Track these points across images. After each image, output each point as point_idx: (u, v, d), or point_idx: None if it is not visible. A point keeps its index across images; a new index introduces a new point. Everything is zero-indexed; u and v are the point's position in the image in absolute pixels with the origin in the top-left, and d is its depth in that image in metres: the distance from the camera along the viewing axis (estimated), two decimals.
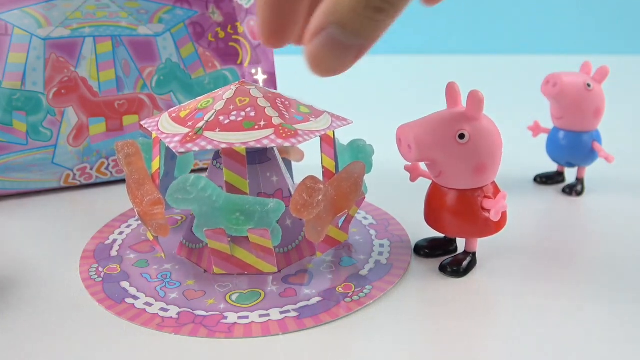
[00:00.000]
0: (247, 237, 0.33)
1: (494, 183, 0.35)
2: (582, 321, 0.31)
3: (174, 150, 0.31)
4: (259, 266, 0.34)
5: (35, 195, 0.48)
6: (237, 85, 0.34)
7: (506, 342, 0.29)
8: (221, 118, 0.32)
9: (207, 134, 0.31)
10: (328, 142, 0.35)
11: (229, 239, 0.33)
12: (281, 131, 0.31)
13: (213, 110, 0.32)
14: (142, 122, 0.35)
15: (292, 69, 0.60)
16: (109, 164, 0.49)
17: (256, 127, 0.31)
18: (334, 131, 0.36)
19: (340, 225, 0.36)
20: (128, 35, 0.48)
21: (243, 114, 0.32)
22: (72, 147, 0.47)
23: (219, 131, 0.31)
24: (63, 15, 0.46)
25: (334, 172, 0.35)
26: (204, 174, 0.36)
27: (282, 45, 0.28)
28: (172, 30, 0.49)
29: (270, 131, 0.31)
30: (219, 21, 0.51)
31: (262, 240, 0.32)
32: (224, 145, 0.30)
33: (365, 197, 0.36)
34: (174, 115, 0.34)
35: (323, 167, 0.35)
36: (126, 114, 0.48)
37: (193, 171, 0.51)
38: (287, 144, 0.30)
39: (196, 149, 0.30)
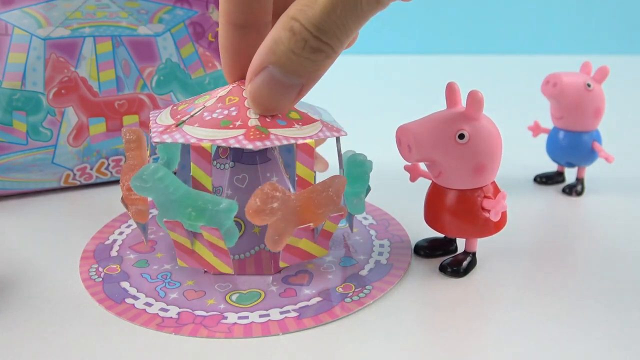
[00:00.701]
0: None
1: (494, 183, 0.35)
2: (582, 321, 0.31)
3: (151, 140, 0.32)
4: (217, 265, 0.34)
5: (35, 195, 0.48)
6: (234, 85, 0.34)
7: (506, 342, 0.29)
8: (205, 114, 0.32)
9: (185, 127, 0.31)
10: (305, 151, 0.34)
11: (190, 233, 0.33)
12: (251, 133, 0.30)
13: (202, 106, 0.33)
14: (151, 113, 0.36)
15: None
16: (109, 164, 0.49)
17: (231, 126, 0.31)
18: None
19: (315, 239, 0.35)
20: (128, 35, 0.48)
21: (226, 112, 0.32)
22: (72, 147, 0.47)
23: (197, 126, 0.31)
24: (63, 15, 0.46)
25: (313, 182, 0.35)
26: None
27: None
28: (172, 30, 0.49)
29: (241, 132, 0.31)
30: None
31: (216, 240, 0.32)
32: (193, 140, 0.30)
33: (343, 214, 0.34)
34: (174, 108, 0.34)
35: (297, 175, 0.34)
36: (126, 114, 0.48)
37: None
38: (249, 146, 0.30)
39: (169, 140, 0.31)
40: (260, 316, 0.31)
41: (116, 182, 0.50)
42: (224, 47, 0.30)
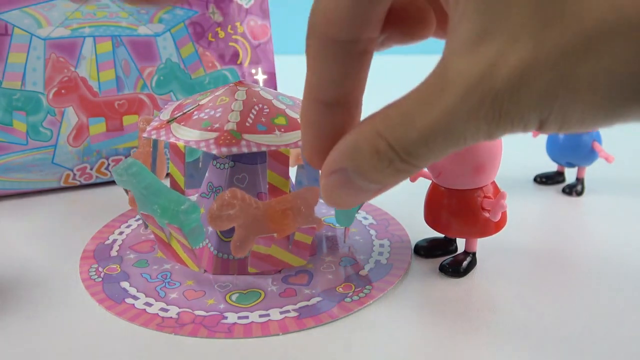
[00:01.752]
0: None
1: (494, 183, 0.35)
2: (581, 321, 0.31)
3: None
4: (187, 262, 0.34)
5: (35, 195, 0.48)
6: (231, 85, 0.34)
7: (506, 342, 0.29)
8: (195, 113, 0.33)
9: (173, 125, 0.32)
10: (278, 159, 0.34)
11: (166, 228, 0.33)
12: (222, 138, 0.30)
13: (195, 104, 0.33)
14: (165, 105, 0.37)
15: (292, 68, 0.60)
16: (108, 164, 0.49)
17: (209, 128, 0.31)
18: None
19: (290, 248, 0.35)
20: (128, 35, 0.48)
21: (212, 113, 0.32)
22: (72, 147, 0.47)
23: (182, 125, 0.32)
24: (63, 15, 0.46)
25: (287, 191, 0.34)
26: (206, 173, 0.36)
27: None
28: (172, 30, 0.49)
29: (214, 135, 0.31)
30: (219, 21, 0.51)
31: (181, 238, 0.32)
32: (172, 139, 0.31)
33: (316, 227, 0.33)
34: (180, 103, 0.35)
35: (269, 183, 0.34)
36: (126, 114, 0.48)
37: None
38: (214, 151, 0.30)
39: (155, 137, 0.32)
40: (260, 316, 0.31)
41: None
42: (307, 124, 0.25)
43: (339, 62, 0.23)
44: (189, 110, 0.33)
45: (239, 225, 0.31)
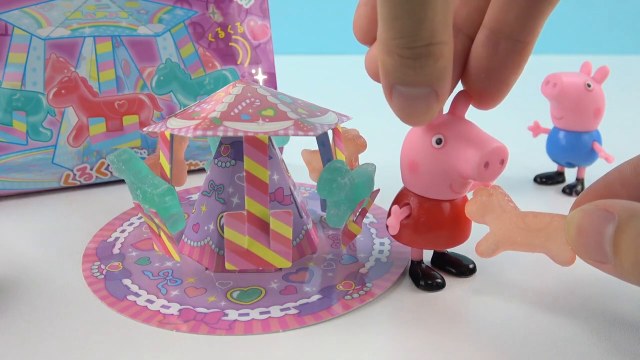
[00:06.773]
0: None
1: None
2: (581, 322, 0.31)
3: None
4: (172, 252, 0.34)
5: (35, 195, 0.48)
6: (232, 83, 0.35)
7: (505, 342, 0.29)
8: (191, 108, 0.34)
9: (170, 120, 0.34)
10: (254, 145, 0.32)
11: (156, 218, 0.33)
12: (202, 123, 0.31)
13: (196, 101, 0.34)
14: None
15: (292, 69, 0.60)
16: (108, 164, 0.49)
17: (196, 117, 0.32)
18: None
19: (271, 245, 0.33)
20: (128, 35, 0.48)
21: (205, 105, 0.33)
22: (72, 147, 0.47)
23: (178, 119, 0.33)
24: (63, 15, 0.46)
25: (266, 180, 0.32)
26: (208, 172, 0.36)
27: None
28: (172, 30, 0.49)
29: (196, 122, 0.31)
30: (219, 21, 0.51)
31: (160, 224, 0.32)
32: (163, 129, 0.33)
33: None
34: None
35: (245, 171, 0.32)
36: (126, 114, 0.48)
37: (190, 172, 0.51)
38: (189, 135, 0.30)
39: (151, 130, 0.34)
40: (261, 313, 0.31)
41: (116, 182, 0.50)
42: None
43: None
44: (189, 107, 0.33)
45: (490, 221, 0.31)
